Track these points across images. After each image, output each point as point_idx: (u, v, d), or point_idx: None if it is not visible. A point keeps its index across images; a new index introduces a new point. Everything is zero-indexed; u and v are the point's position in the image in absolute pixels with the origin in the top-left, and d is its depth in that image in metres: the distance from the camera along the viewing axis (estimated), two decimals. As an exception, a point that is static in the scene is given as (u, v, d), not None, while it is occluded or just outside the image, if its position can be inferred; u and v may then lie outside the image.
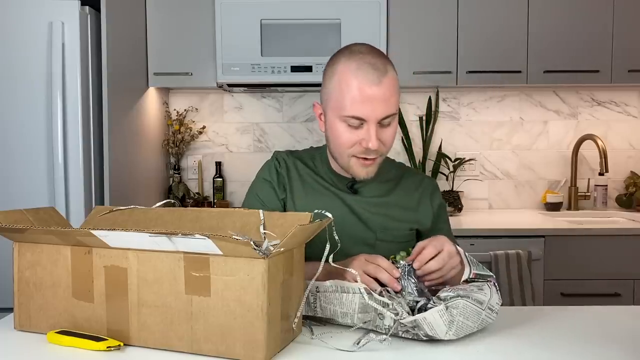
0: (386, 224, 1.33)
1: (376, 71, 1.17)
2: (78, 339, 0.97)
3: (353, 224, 1.31)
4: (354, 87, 1.17)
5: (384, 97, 1.17)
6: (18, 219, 1.09)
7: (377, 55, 1.21)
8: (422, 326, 0.98)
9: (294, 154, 1.41)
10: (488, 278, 1.11)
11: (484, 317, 1.02)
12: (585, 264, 2.35)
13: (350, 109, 1.18)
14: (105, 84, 2.21)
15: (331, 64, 1.25)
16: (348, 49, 1.24)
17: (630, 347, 0.98)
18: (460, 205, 2.74)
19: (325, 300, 1.07)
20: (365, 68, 1.17)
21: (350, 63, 1.19)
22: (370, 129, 1.18)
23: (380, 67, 1.18)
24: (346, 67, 1.19)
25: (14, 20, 2.08)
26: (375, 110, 1.17)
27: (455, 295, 1.01)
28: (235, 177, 3.00)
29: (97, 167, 2.21)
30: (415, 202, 1.37)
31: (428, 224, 1.37)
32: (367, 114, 1.17)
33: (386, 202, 1.34)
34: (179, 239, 0.89)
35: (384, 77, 1.17)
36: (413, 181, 1.40)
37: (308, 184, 1.35)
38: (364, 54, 1.20)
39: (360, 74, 1.17)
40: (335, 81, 1.21)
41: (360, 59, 1.19)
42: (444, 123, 2.95)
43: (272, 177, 1.36)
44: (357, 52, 1.21)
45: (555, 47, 2.58)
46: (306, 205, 1.32)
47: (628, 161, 2.95)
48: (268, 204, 1.34)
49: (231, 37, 2.53)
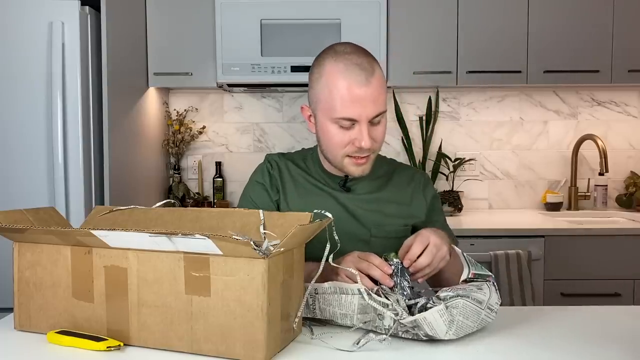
0: (380, 220, 1.33)
1: (363, 71, 1.18)
2: (78, 339, 0.97)
3: (347, 221, 1.32)
4: (343, 89, 1.18)
5: (372, 96, 1.18)
6: (18, 219, 1.09)
7: (362, 54, 1.21)
8: (422, 326, 0.98)
9: (285, 156, 1.43)
10: (487, 277, 1.12)
11: (484, 317, 1.03)
12: (585, 264, 2.35)
13: (340, 110, 1.19)
14: (105, 84, 2.21)
15: (317, 65, 1.25)
16: (332, 49, 1.24)
17: (630, 347, 0.98)
18: (460, 205, 2.74)
19: (324, 302, 1.07)
20: (352, 69, 1.18)
21: (337, 64, 1.19)
22: (362, 129, 1.19)
23: (367, 67, 1.19)
24: (333, 68, 1.20)
25: (14, 20, 2.08)
26: (366, 110, 1.18)
27: (455, 295, 1.01)
28: (235, 177, 3.00)
29: (97, 167, 2.21)
30: (408, 196, 1.38)
31: (422, 217, 1.38)
32: (358, 114, 1.18)
33: (379, 198, 1.35)
34: (179, 239, 0.89)
35: (371, 77, 1.18)
36: (405, 176, 1.41)
37: (300, 184, 1.36)
38: (350, 53, 1.20)
39: (348, 75, 1.17)
40: (323, 83, 1.21)
41: (346, 59, 1.19)
42: (444, 123, 2.95)
43: (265, 180, 1.37)
44: (343, 52, 1.21)
45: (555, 47, 2.58)
46: (299, 205, 1.33)
47: (628, 161, 2.95)
48: (261, 206, 1.34)
49: (231, 37, 2.53)
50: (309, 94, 1.28)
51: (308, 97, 1.29)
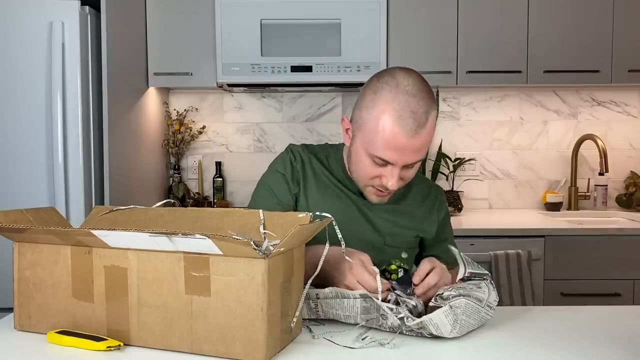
0: (394, 230, 1.34)
1: (415, 122, 1.12)
2: (78, 339, 0.97)
3: (363, 227, 1.32)
4: (388, 133, 1.13)
5: (416, 147, 1.15)
6: (18, 218, 1.09)
7: (421, 97, 1.14)
8: (428, 327, 1.00)
9: (309, 149, 1.40)
10: (484, 276, 1.14)
11: (483, 315, 1.05)
12: (585, 264, 2.35)
13: (380, 151, 1.16)
14: (105, 84, 2.21)
15: (373, 90, 1.18)
16: (394, 78, 1.16)
17: (630, 347, 0.98)
18: (460, 205, 2.74)
19: (327, 306, 1.08)
20: (406, 117, 1.12)
21: (394, 104, 1.13)
22: (394, 172, 1.18)
23: (422, 116, 1.13)
24: (388, 107, 1.13)
25: (14, 20, 2.08)
26: (405, 158, 1.16)
27: (457, 294, 1.04)
28: (235, 177, 3.00)
29: (97, 167, 2.21)
30: (423, 211, 1.39)
31: (433, 233, 1.39)
32: (395, 160, 1.16)
33: (396, 209, 1.35)
34: (179, 238, 0.89)
35: (422, 129, 1.13)
36: (422, 189, 1.41)
37: (322, 181, 1.34)
38: (409, 94, 1.13)
39: (399, 122, 1.12)
40: (373, 116, 1.15)
41: (403, 102, 1.13)
42: (444, 123, 2.95)
43: (287, 171, 1.34)
44: (403, 90, 1.14)
45: (555, 47, 2.58)
46: (319, 203, 1.31)
47: (628, 161, 2.95)
48: (280, 197, 1.32)
49: (231, 37, 2.53)
50: (354, 110, 1.23)
51: (353, 112, 1.24)
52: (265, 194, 1.34)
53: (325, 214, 1.02)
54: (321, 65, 2.52)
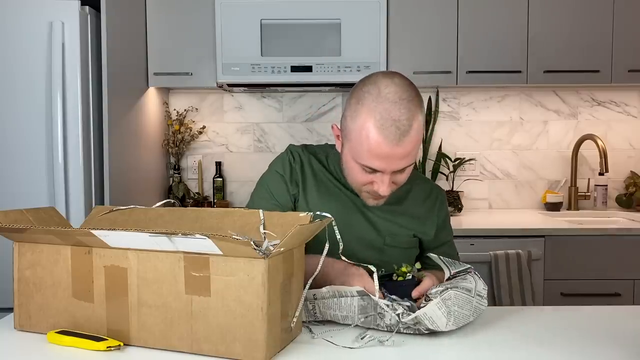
0: (394, 230, 1.34)
1: (399, 130, 1.11)
2: (78, 339, 0.97)
3: (363, 227, 1.32)
4: (372, 142, 1.12)
5: (401, 155, 1.14)
6: (18, 218, 1.09)
7: (404, 105, 1.12)
8: (423, 321, 1.00)
9: (308, 149, 1.40)
10: (467, 270, 1.15)
11: (476, 305, 1.07)
12: (585, 264, 2.35)
13: (367, 160, 1.16)
14: (105, 84, 2.21)
15: (356, 99, 1.17)
16: (376, 86, 1.15)
17: (630, 347, 0.98)
18: (460, 205, 2.74)
19: (324, 306, 1.08)
20: (388, 126, 1.11)
21: (375, 113, 1.12)
22: (384, 179, 1.18)
23: (405, 124, 1.12)
24: (370, 116, 1.12)
25: (14, 20, 2.08)
26: (392, 165, 1.16)
27: (444, 288, 1.06)
28: (235, 177, 3.00)
29: (97, 167, 2.21)
30: (423, 212, 1.38)
31: (431, 235, 1.39)
32: (383, 168, 1.16)
33: (396, 210, 1.35)
34: (179, 239, 0.89)
35: (405, 136, 1.12)
36: (423, 190, 1.40)
37: (322, 182, 1.34)
38: (391, 103, 1.12)
39: (382, 131, 1.11)
40: (357, 125, 1.15)
41: (385, 112, 1.12)
42: (444, 123, 2.95)
43: (286, 172, 1.34)
44: (385, 98, 1.13)
45: (555, 47, 2.58)
46: (319, 203, 1.31)
47: (628, 161, 2.95)
48: (278, 198, 1.32)
49: (231, 37, 2.53)
50: (342, 118, 1.22)
51: (341, 120, 1.24)
52: (263, 194, 1.34)
53: (325, 214, 1.02)
54: (321, 65, 2.52)
